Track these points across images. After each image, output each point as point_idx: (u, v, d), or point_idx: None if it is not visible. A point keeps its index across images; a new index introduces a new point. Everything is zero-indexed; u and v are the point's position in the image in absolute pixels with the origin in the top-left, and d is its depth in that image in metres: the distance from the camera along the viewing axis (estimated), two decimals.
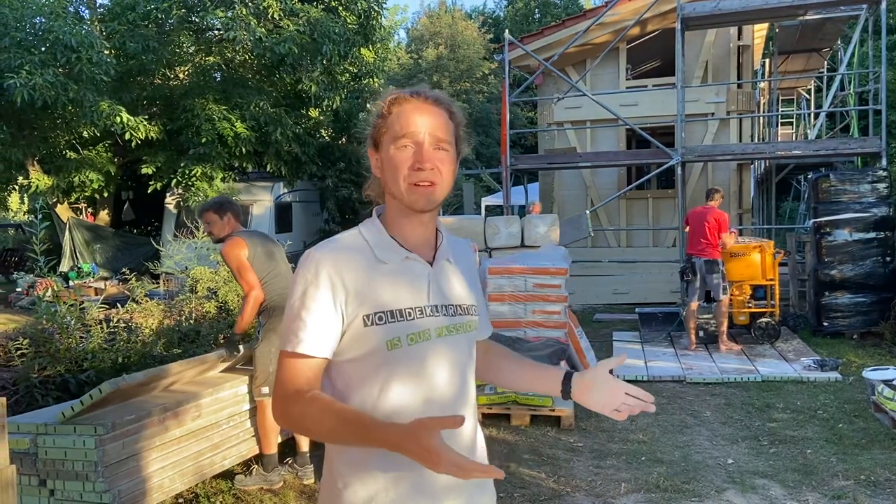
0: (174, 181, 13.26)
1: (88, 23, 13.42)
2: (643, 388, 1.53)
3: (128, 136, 11.92)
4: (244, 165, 14.26)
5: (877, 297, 8.04)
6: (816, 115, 15.85)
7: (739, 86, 12.04)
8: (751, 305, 8.04)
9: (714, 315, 7.76)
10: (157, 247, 10.59)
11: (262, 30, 12.29)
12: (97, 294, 11.24)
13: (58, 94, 10.74)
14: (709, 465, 4.41)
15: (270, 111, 13.13)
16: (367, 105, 16.70)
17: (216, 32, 13.78)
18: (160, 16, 12.81)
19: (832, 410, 5.46)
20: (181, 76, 14.40)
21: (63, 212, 14.48)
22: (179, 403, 3.60)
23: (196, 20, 13.52)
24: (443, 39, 29.97)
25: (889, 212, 8.22)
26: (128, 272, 7.77)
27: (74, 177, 13.31)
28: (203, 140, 12.52)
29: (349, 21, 13.43)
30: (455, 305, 1.45)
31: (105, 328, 5.20)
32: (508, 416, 5.26)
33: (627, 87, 12.41)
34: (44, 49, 11.09)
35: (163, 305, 6.52)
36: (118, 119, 11.44)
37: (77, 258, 14.08)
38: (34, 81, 10.42)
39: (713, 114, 11.75)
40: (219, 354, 4.14)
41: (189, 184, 13.05)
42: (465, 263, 1.56)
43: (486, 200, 20.14)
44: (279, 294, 4.08)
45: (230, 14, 12.30)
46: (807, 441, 4.79)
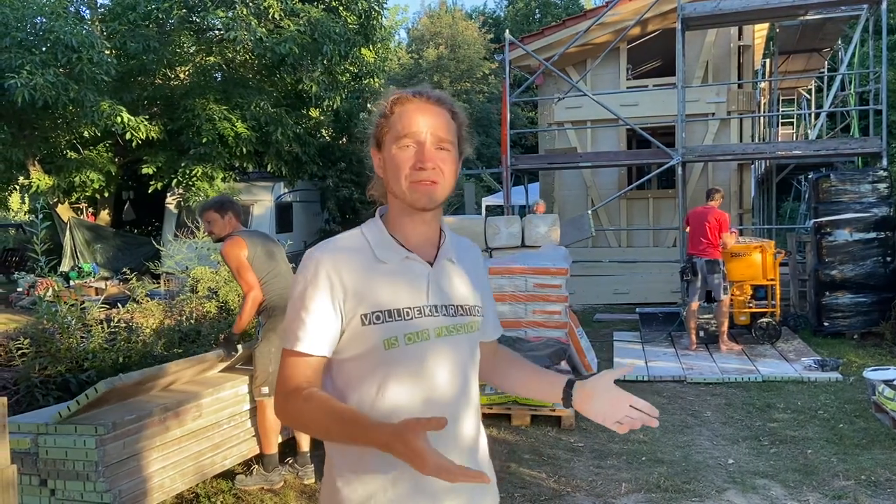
0: (175, 181, 13.27)
1: (89, 23, 13.43)
2: (644, 389, 1.53)
3: (128, 136, 11.93)
4: (245, 165, 14.27)
5: (877, 298, 8.04)
6: (817, 116, 15.84)
7: (740, 86, 12.04)
8: (751, 305, 8.04)
9: (715, 315, 7.76)
10: (158, 247, 10.59)
11: (263, 30, 12.30)
12: (98, 294, 11.23)
13: (58, 94, 10.75)
14: (709, 465, 4.41)
15: (271, 111, 13.13)
16: (368, 105, 16.72)
17: (217, 32, 13.79)
18: (161, 16, 12.82)
19: (833, 410, 5.46)
20: (182, 76, 14.40)
21: (64, 212, 14.49)
22: (180, 403, 3.60)
23: (197, 20, 13.54)
24: (443, 39, 29.97)
25: (889, 212, 8.22)
26: (128, 272, 7.77)
27: (75, 177, 13.32)
28: (204, 140, 12.53)
29: (350, 21, 13.43)
30: (456, 306, 1.45)
31: (106, 328, 5.20)
32: (509, 416, 5.26)
33: (628, 87, 12.41)
34: (44, 49, 11.10)
35: (163, 305, 6.52)
36: (119, 119, 11.45)
37: (78, 258, 14.09)
38: (35, 81, 10.43)
39: (714, 114, 11.75)
40: (217, 354, 4.13)
41: (190, 184, 13.06)
42: (470, 263, 1.55)
43: (487, 200, 20.14)
44: (279, 294, 4.08)
45: (231, 14, 12.31)
46: (807, 441, 4.79)
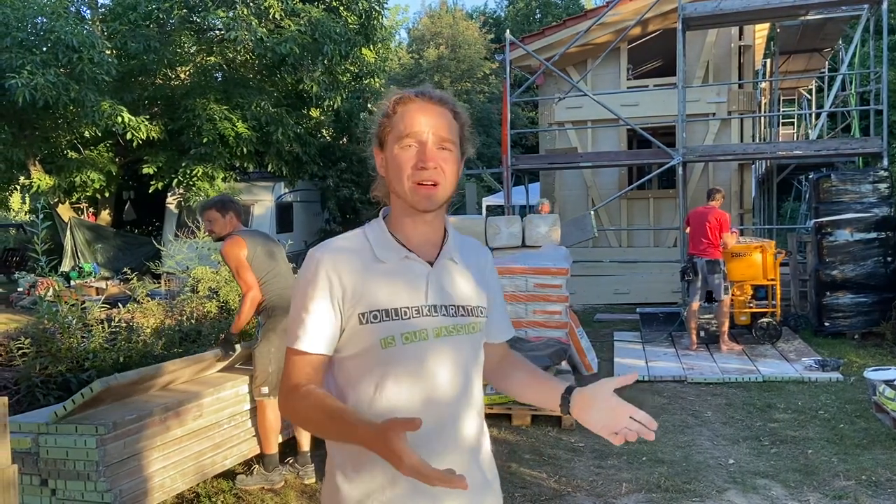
0: (175, 181, 13.28)
1: (90, 23, 13.44)
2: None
3: (129, 136, 11.94)
4: (245, 165, 14.27)
5: (878, 298, 8.03)
6: (818, 116, 15.83)
7: (740, 86, 12.04)
8: (752, 305, 8.04)
9: (715, 315, 7.75)
10: (159, 247, 10.60)
11: (264, 30, 12.30)
12: (98, 294, 11.23)
13: (59, 94, 10.76)
14: (710, 466, 4.41)
15: (271, 111, 13.14)
16: (368, 105, 16.72)
17: (217, 32, 13.80)
18: (161, 16, 12.83)
19: (833, 411, 5.46)
20: (182, 76, 14.42)
21: (64, 212, 14.50)
22: (181, 403, 3.60)
23: (197, 20, 13.55)
24: (444, 39, 29.96)
25: (890, 212, 8.21)
26: (129, 272, 7.77)
27: (76, 177, 13.33)
28: (204, 140, 12.53)
29: (350, 21, 13.44)
30: (457, 306, 1.45)
31: (106, 328, 5.20)
32: (509, 416, 5.26)
33: (628, 87, 12.41)
34: (45, 49, 11.11)
35: (164, 305, 6.52)
36: (119, 119, 11.46)
37: (78, 258, 14.10)
38: (36, 81, 10.44)
39: (714, 114, 11.75)
40: (215, 354, 4.13)
41: (190, 184, 13.06)
42: (476, 264, 1.54)
43: (487, 200, 20.13)
44: (278, 294, 4.08)
45: (231, 14, 12.32)
46: (808, 441, 4.79)
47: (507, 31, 11.83)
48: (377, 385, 1.38)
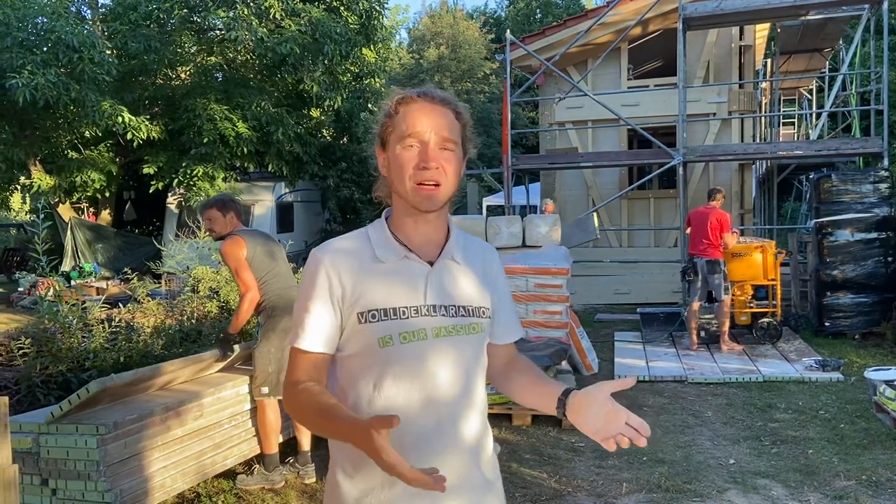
0: (176, 181, 13.28)
1: (90, 23, 13.45)
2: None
3: (129, 136, 11.94)
4: (246, 165, 14.28)
5: (879, 298, 8.03)
6: (818, 116, 15.83)
7: (741, 86, 12.03)
8: (752, 306, 8.04)
9: (716, 315, 7.75)
10: (159, 246, 10.60)
11: (264, 30, 12.30)
12: (99, 294, 11.23)
13: (60, 94, 10.76)
14: (710, 466, 4.41)
15: (272, 111, 13.15)
16: (369, 105, 16.73)
17: (218, 32, 13.81)
18: (162, 16, 12.84)
19: (834, 411, 5.46)
20: (183, 76, 14.42)
21: (65, 211, 14.51)
22: (181, 403, 3.60)
23: (198, 20, 13.56)
24: (444, 39, 29.94)
25: (891, 212, 8.21)
26: (129, 272, 7.76)
27: (76, 176, 13.33)
28: (205, 140, 12.54)
29: (351, 21, 13.44)
30: (457, 306, 1.44)
31: (107, 328, 5.20)
32: (510, 416, 5.26)
33: (629, 87, 12.41)
34: (46, 49, 11.11)
35: (164, 305, 6.52)
36: (120, 119, 11.46)
37: (79, 258, 14.11)
38: (36, 81, 10.44)
39: (715, 114, 11.74)
40: (213, 354, 4.13)
41: (191, 183, 13.07)
42: (480, 264, 1.53)
43: (488, 200, 20.13)
44: (278, 294, 4.07)
45: (232, 14, 12.32)
46: (808, 441, 4.79)
47: (508, 31, 11.83)
48: (375, 384, 1.39)
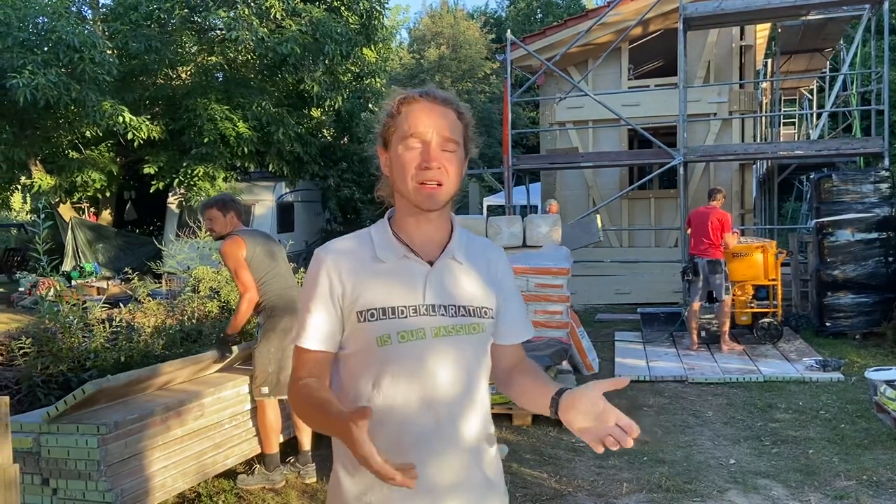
0: (176, 181, 13.29)
1: (91, 23, 13.46)
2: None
3: (130, 136, 11.94)
4: (246, 165, 14.28)
5: (879, 298, 8.03)
6: (819, 116, 15.82)
7: (742, 86, 12.03)
8: (753, 306, 8.04)
9: (716, 315, 7.75)
10: (160, 246, 10.60)
11: (265, 30, 12.31)
12: (99, 294, 11.23)
13: (60, 94, 10.76)
14: (711, 466, 4.40)
15: (272, 111, 13.15)
16: (369, 105, 16.72)
17: (218, 32, 13.81)
18: (163, 16, 12.84)
19: (834, 411, 5.46)
20: (183, 76, 14.43)
21: (65, 211, 14.51)
22: (182, 403, 3.61)
23: (198, 20, 13.56)
24: (445, 39, 29.94)
25: (891, 212, 8.20)
26: (130, 272, 7.76)
27: (77, 176, 13.34)
28: (205, 140, 12.54)
29: (351, 21, 13.44)
30: (458, 306, 1.44)
31: (107, 328, 5.21)
32: (510, 416, 5.26)
33: (629, 87, 12.41)
34: (46, 49, 11.11)
35: (165, 305, 6.52)
36: (121, 119, 11.46)
37: (79, 258, 14.11)
38: (37, 81, 10.44)
39: (715, 114, 11.74)
40: (212, 354, 4.13)
41: (191, 183, 13.07)
42: (484, 264, 1.52)
43: (488, 200, 20.14)
44: (278, 294, 4.07)
45: (232, 14, 12.33)
46: (809, 441, 4.79)
47: (508, 31, 11.82)
48: (374, 383, 1.40)
